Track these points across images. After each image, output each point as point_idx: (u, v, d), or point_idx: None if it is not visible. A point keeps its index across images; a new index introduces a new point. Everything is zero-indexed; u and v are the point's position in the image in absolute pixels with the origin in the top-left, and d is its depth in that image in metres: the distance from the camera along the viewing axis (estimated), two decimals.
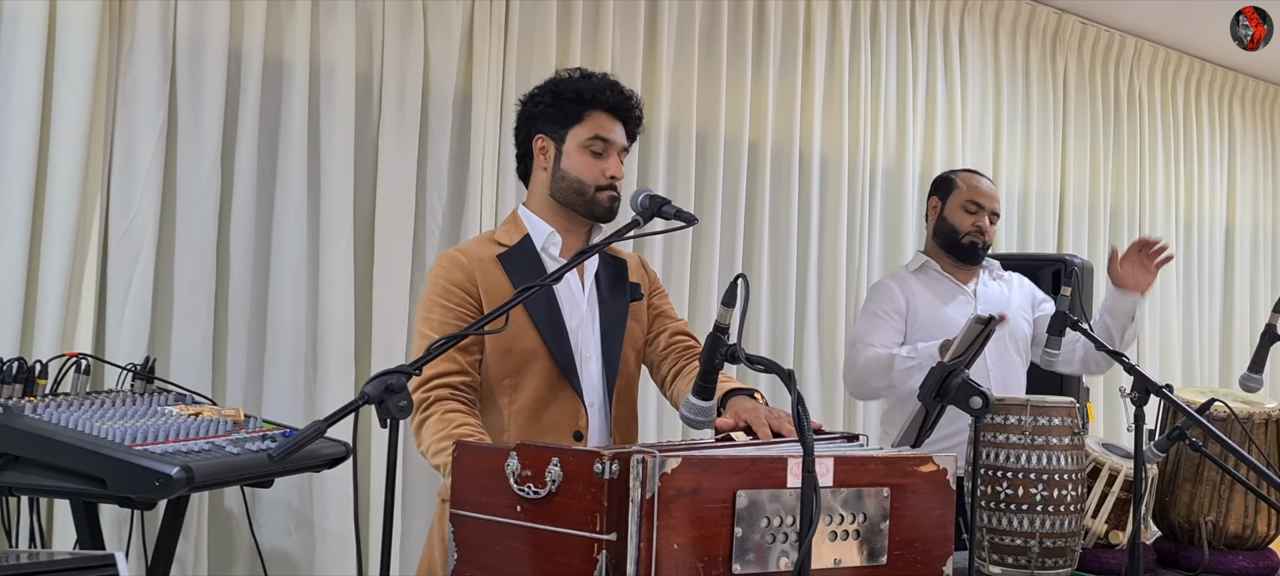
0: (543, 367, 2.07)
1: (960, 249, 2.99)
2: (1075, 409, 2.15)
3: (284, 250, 3.06)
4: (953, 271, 3.03)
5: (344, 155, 3.14)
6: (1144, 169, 5.32)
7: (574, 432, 2.08)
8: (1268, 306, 5.80)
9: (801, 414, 1.42)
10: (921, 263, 3.05)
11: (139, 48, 2.84)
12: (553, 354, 2.06)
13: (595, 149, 2.13)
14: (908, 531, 1.66)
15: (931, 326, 2.91)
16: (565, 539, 1.46)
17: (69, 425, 2.03)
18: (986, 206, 3.00)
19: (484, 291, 2.08)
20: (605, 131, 2.14)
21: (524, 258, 2.12)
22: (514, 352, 2.06)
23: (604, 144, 2.13)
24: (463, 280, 2.08)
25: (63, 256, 2.70)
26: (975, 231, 2.98)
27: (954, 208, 3.02)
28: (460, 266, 2.09)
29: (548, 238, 2.14)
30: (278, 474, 2.45)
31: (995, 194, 3.06)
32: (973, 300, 2.98)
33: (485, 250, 2.14)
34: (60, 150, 2.71)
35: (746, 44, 3.99)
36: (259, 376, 3.05)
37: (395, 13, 3.26)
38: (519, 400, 2.07)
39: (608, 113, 2.15)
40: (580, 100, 2.14)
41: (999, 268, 3.12)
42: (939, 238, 3.03)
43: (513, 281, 2.07)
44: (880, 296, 3.00)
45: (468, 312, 2.06)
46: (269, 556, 2.93)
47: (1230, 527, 2.34)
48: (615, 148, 2.15)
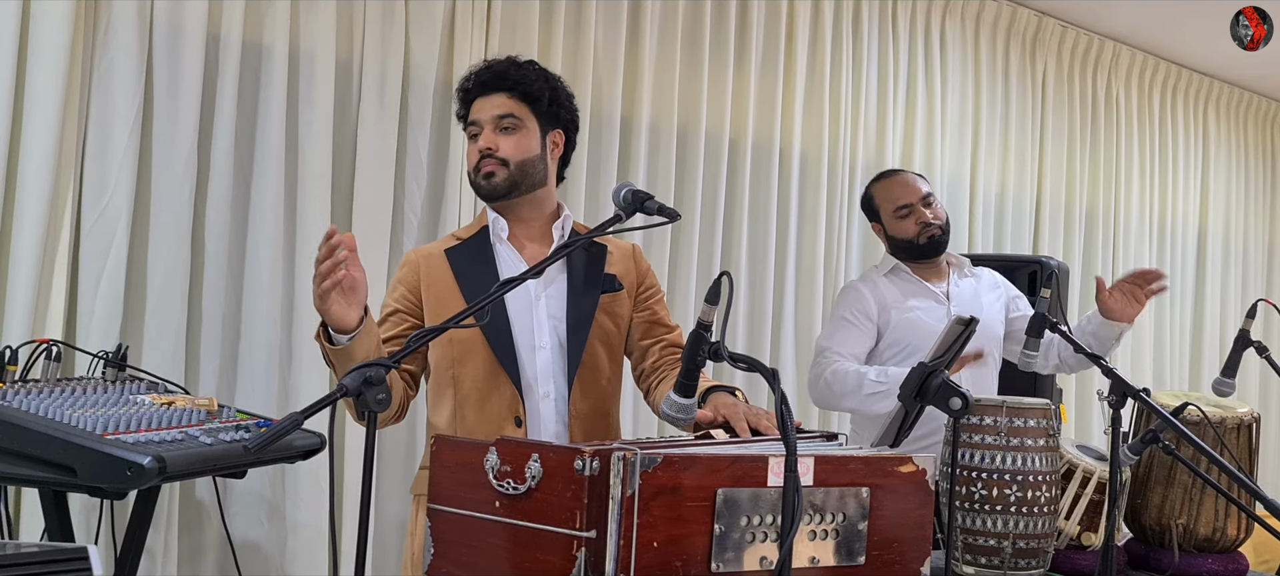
0: (482, 356, 2.09)
1: (920, 249, 2.96)
2: (1051, 411, 2.17)
3: (260, 238, 3.03)
4: (921, 271, 3.00)
5: (322, 144, 3.11)
6: (1120, 172, 5.37)
7: (514, 419, 2.08)
8: (1238, 310, 5.89)
9: (785, 413, 1.41)
10: (892, 265, 3.01)
11: (115, 31, 2.80)
12: (490, 342, 2.08)
13: (472, 133, 2.16)
14: (886, 531, 1.66)
15: (903, 328, 2.90)
16: (544, 535, 1.45)
17: (39, 412, 1.99)
18: (915, 199, 2.95)
19: (426, 286, 2.14)
20: (476, 114, 2.16)
21: (474, 250, 2.16)
22: (455, 342, 2.10)
23: (476, 126, 2.15)
24: (407, 275, 2.17)
25: (34, 241, 2.66)
26: (921, 226, 2.94)
27: (889, 221, 2.99)
28: (410, 263, 2.18)
29: (495, 224, 2.18)
30: (252, 464, 2.43)
31: (914, 182, 3.00)
32: (945, 302, 2.96)
33: (439, 246, 2.20)
34: (33, 134, 2.67)
35: (728, 41, 3.98)
36: (233, 366, 3.02)
37: (376, 0, 3.23)
38: (463, 388, 2.10)
39: (479, 96, 2.16)
40: (462, 101, 2.21)
41: (969, 265, 3.11)
42: (899, 254, 3.01)
43: (457, 276, 2.12)
44: (850, 300, 2.96)
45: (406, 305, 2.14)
46: (240, 548, 2.91)
47: (1201, 530, 2.36)
48: (485, 123, 2.13)
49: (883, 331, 2.92)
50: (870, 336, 2.92)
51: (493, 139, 2.12)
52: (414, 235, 3.29)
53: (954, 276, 3.03)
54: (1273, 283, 6.32)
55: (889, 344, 2.92)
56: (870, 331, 2.91)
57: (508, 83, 2.14)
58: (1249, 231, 6.14)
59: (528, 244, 2.18)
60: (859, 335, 2.90)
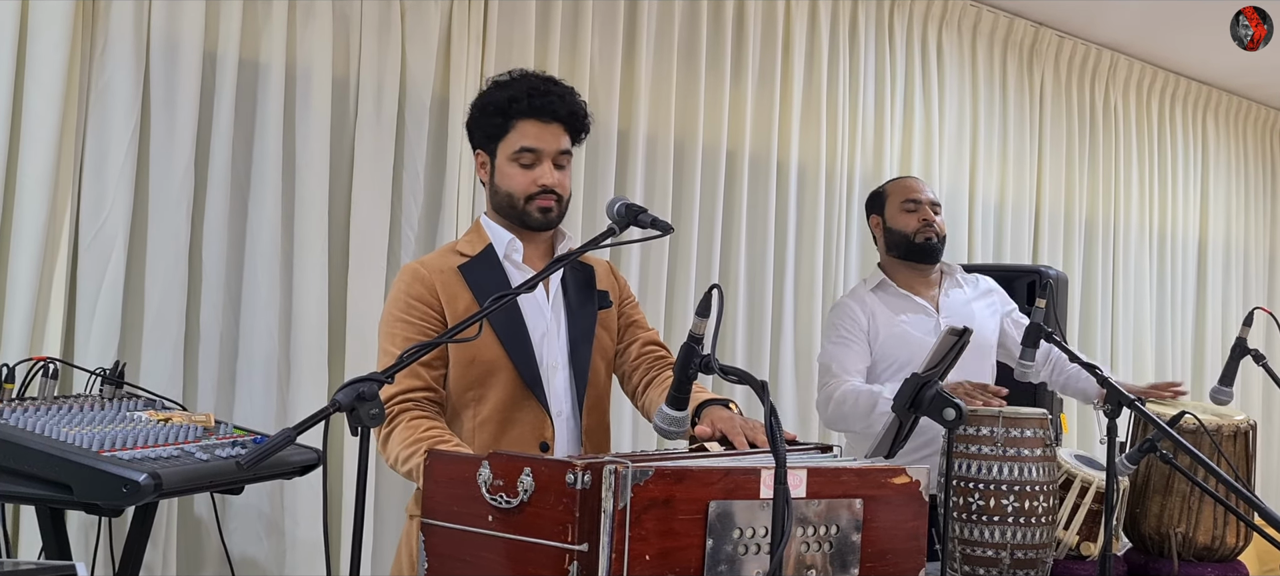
0: (507, 379, 2.04)
1: (917, 249, 2.95)
2: (1048, 420, 2.17)
3: (257, 254, 3.03)
4: (911, 284, 2.98)
5: (319, 159, 3.12)
6: (1118, 181, 5.37)
7: (540, 444, 2.06)
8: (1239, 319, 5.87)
9: (774, 425, 1.41)
10: (879, 280, 3.00)
11: (112, 48, 2.81)
12: (516, 365, 2.04)
13: (523, 161, 2.08)
14: (880, 543, 1.66)
15: (892, 343, 2.88)
16: (537, 549, 1.45)
17: (36, 430, 2.00)
18: (923, 199, 2.99)
19: (446, 304, 2.05)
20: (532, 140, 2.07)
21: (486, 267, 2.09)
22: (477, 364, 2.04)
23: (532, 154, 2.07)
24: (424, 293, 2.05)
25: (32, 258, 2.66)
26: (923, 225, 2.95)
27: (894, 214, 3.00)
28: (421, 280, 2.06)
29: (509, 245, 2.11)
30: (248, 480, 2.43)
31: (926, 187, 3.06)
32: (934, 314, 2.95)
33: (447, 261, 2.11)
34: (31, 151, 2.68)
35: (725, 52, 3.99)
36: (231, 382, 3.02)
37: (373, 16, 3.24)
38: (483, 413, 2.04)
39: (533, 119, 2.07)
40: (503, 112, 2.08)
41: (962, 272, 3.10)
42: (893, 249, 3.00)
43: (474, 292, 2.05)
44: (842, 317, 2.95)
45: (430, 326, 2.03)
46: (238, 563, 2.91)
47: (1199, 539, 2.36)
48: (547, 154, 2.07)
49: (872, 346, 2.91)
50: (866, 353, 2.91)
51: (555, 176, 2.08)
52: (412, 249, 3.29)
53: (945, 286, 3.02)
54: (1274, 290, 6.31)
55: (878, 359, 2.91)
56: (865, 346, 2.91)
57: (565, 113, 2.10)
58: (1249, 239, 6.14)
59: (539, 265, 2.15)
60: (857, 351, 2.90)
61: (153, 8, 2.88)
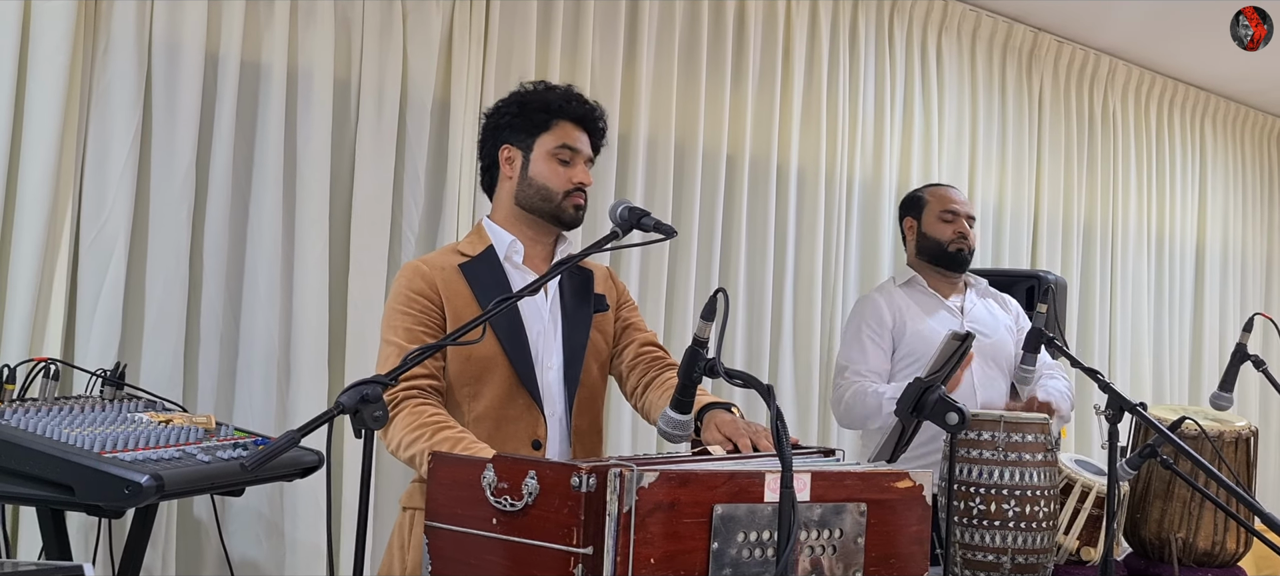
0: (502, 377, 2.08)
1: (948, 258, 3.01)
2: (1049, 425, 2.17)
3: (258, 256, 3.03)
4: (939, 287, 3.04)
5: (320, 161, 3.12)
6: (1117, 186, 5.38)
7: (532, 442, 2.09)
8: (1236, 324, 5.89)
9: (780, 429, 1.42)
10: (909, 276, 3.06)
11: (114, 50, 2.81)
12: (512, 362, 2.08)
13: (563, 157, 2.17)
14: (884, 547, 1.66)
15: (916, 342, 2.91)
16: (541, 552, 1.45)
17: (37, 431, 2.00)
18: (961, 211, 3.04)
19: (446, 299, 2.09)
20: (572, 140, 2.18)
21: (487, 267, 2.14)
22: (474, 359, 2.07)
23: (571, 152, 2.17)
24: (425, 288, 2.10)
25: (33, 260, 2.66)
26: (958, 237, 3.01)
27: (931, 221, 3.05)
28: (422, 276, 2.11)
29: (510, 247, 2.16)
30: (248, 482, 2.43)
31: (966, 199, 3.11)
32: (959, 316, 3.00)
33: (448, 260, 2.16)
34: (32, 152, 2.68)
35: (726, 56, 4.00)
36: (231, 383, 3.02)
37: (374, 18, 3.24)
38: (479, 407, 2.08)
39: (574, 122, 2.20)
40: (547, 110, 2.19)
41: (985, 284, 3.14)
42: (924, 254, 3.05)
43: (475, 290, 2.10)
44: (867, 314, 2.99)
45: (431, 320, 2.07)
46: (238, 566, 2.90)
47: (1200, 544, 2.36)
48: (582, 156, 2.19)
49: (897, 343, 2.94)
50: (887, 352, 2.95)
51: (586, 176, 2.19)
52: (412, 251, 3.29)
53: (971, 294, 3.06)
54: (1271, 296, 6.32)
55: (902, 357, 2.94)
56: (887, 346, 2.95)
57: (599, 133, 2.24)
58: (1247, 245, 6.15)
59: (541, 267, 2.21)
60: (879, 350, 2.93)
61: (154, 9, 2.88)
